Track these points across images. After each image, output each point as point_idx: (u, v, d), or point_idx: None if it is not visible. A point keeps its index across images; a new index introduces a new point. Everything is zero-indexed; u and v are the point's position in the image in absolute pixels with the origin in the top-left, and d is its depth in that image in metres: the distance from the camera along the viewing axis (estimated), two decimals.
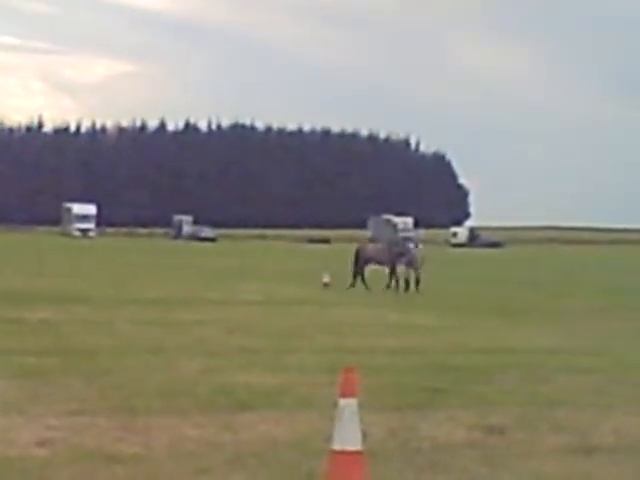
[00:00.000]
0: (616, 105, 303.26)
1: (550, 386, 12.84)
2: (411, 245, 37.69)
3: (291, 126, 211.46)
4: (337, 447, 7.33)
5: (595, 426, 10.08)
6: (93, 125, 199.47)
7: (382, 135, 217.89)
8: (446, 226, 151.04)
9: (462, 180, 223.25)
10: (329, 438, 7.44)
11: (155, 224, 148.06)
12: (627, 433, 9.75)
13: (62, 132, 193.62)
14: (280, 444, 8.93)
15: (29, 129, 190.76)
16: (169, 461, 8.37)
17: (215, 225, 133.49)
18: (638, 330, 21.81)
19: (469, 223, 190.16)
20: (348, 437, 7.32)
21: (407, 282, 34.01)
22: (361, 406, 7.44)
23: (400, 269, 34.82)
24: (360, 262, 35.01)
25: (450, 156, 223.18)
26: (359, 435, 7.33)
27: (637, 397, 12.00)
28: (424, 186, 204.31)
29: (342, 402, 7.39)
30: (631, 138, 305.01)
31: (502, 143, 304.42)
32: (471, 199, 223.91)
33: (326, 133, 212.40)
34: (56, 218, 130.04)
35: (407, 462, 8.47)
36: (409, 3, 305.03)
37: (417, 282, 33.85)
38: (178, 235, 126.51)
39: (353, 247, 37.84)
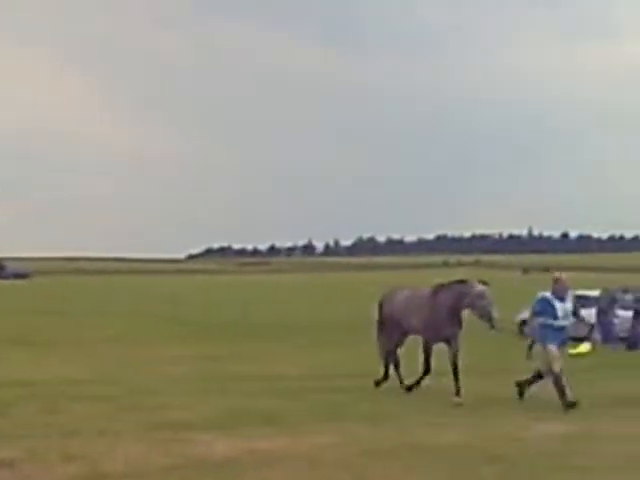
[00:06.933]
0: (179, 138, 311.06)
1: (65, 416, 12.85)
2: None
3: None
4: None
5: (106, 454, 10.21)
6: None
7: None
8: None
9: None
10: None
11: None
12: (136, 459, 9.97)
13: None
14: None
15: None
16: None
17: None
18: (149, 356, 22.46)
19: None
20: None
21: None
22: None
23: None
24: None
25: None
26: None
27: (144, 424, 12.27)
28: None
29: None
30: (200, 171, 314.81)
31: (38, 174, 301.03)
32: None
33: None
34: None
35: None
36: None
37: None
38: None
39: None
